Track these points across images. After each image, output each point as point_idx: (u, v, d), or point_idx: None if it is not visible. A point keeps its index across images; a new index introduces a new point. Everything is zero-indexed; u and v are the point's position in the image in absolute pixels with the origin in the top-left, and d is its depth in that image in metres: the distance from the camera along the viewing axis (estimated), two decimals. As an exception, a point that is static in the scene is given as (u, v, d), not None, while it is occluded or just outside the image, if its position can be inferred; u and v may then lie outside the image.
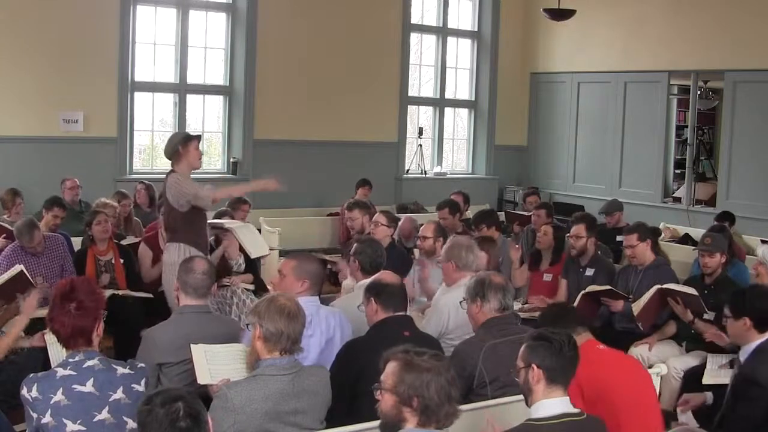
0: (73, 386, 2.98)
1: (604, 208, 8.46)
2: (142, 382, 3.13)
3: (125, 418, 3.01)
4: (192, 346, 3.69)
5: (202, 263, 4.14)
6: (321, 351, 4.03)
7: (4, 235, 6.31)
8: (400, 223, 7.39)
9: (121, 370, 3.10)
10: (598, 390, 3.40)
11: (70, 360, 3.07)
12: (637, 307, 5.28)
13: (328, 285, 7.50)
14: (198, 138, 5.63)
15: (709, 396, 4.53)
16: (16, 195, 7.44)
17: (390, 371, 2.70)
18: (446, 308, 4.67)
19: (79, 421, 2.95)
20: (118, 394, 3.03)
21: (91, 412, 2.97)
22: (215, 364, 3.65)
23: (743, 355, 4.14)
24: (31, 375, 3.04)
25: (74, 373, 3.02)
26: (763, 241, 7.30)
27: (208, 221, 5.85)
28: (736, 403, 3.99)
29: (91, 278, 5.37)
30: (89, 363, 3.06)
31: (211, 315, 4.21)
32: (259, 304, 3.35)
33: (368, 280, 4.40)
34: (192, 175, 5.65)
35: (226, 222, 6.15)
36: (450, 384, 2.66)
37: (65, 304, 3.09)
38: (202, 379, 3.58)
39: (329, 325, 4.11)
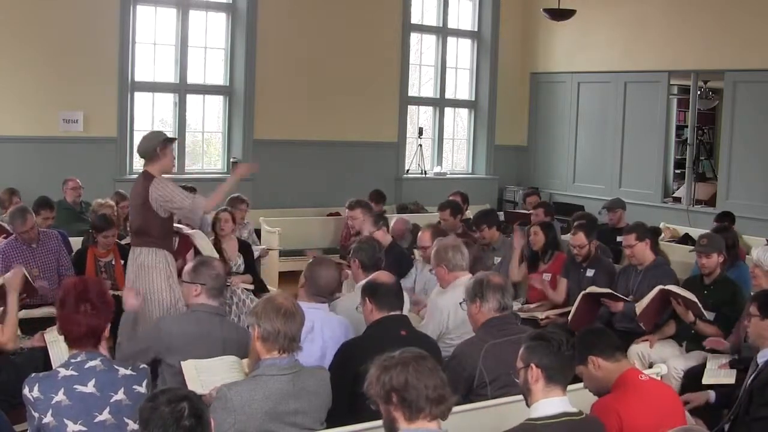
0: (75, 386, 2.99)
1: (607, 204, 8.47)
2: (144, 384, 3.14)
3: (126, 419, 3.01)
4: (182, 363, 3.68)
5: (219, 264, 4.18)
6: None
7: (4, 234, 6.31)
8: (392, 224, 7.39)
9: (122, 371, 3.11)
10: (638, 428, 3.19)
11: (72, 360, 3.08)
12: (639, 308, 5.27)
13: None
14: (175, 140, 5.42)
15: (712, 395, 4.45)
16: (14, 194, 7.43)
17: (369, 381, 2.72)
18: (446, 308, 4.66)
19: (80, 422, 2.96)
20: (119, 395, 3.04)
21: (92, 413, 2.98)
22: (207, 375, 3.65)
23: (762, 358, 3.99)
24: (33, 375, 3.05)
25: (76, 373, 3.03)
26: (768, 242, 7.28)
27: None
28: (751, 406, 3.86)
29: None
30: (91, 363, 3.07)
31: (224, 318, 4.19)
32: (257, 305, 3.36)
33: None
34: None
35: (184, 228, 6.09)
36: (419, 372, 2.63)
37: (80, 305, 3.10)
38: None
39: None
